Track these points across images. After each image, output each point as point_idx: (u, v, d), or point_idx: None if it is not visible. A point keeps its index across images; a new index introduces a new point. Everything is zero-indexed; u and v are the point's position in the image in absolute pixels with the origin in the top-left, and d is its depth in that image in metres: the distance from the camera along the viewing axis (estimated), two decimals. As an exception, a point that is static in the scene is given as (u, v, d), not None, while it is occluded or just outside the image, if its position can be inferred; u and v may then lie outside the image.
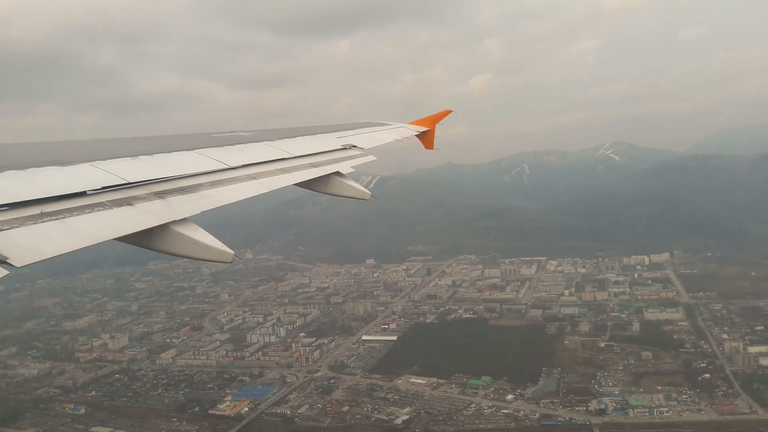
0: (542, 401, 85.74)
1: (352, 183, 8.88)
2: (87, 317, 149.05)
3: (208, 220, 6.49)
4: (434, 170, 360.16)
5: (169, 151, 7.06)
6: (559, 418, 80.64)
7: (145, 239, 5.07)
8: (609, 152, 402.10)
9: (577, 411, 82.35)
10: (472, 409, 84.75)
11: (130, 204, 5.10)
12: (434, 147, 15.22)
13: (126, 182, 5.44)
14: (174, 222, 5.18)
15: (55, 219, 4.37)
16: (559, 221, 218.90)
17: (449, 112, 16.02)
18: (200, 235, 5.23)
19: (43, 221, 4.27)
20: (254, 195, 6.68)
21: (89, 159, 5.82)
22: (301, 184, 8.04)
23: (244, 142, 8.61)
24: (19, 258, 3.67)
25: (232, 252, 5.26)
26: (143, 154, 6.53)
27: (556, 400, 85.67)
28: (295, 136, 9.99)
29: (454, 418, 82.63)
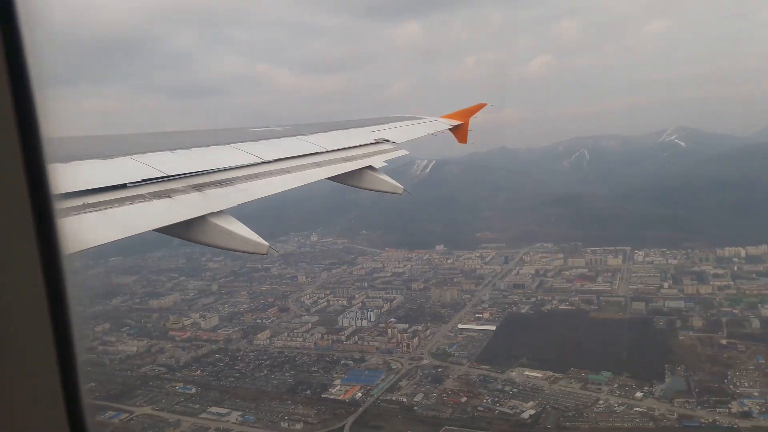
0: (676, 400, 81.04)
1: (385, 177, 8.87)
2: (171, 296, 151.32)
3: (265, 204, 6.67)
4: (487, 154, 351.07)
5: (206, 146, 7.16)
6: (702, 420, 75.91)
7: (183, 230, 5.14)
8: (673, 137, 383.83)
9: (719, 413, 77.32)
10: (602, 406, 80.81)
11: (168, 196, 5.23)
12: (468, 141, 14.96)
13: (165, 175, 5.54)
14: (211, 214, 5.26)
15: (97, 210, 4.48)
16: (634, 209, 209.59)
17: (483, 105, 15.61)
18: (237, 227, 5.29)
19: (85, 212, 4.37)
20: (288, 189, 6.76)
21: (129, 152, 5.93)
22: (334, 178, 8.08)
23: (278, 137, 8.68)
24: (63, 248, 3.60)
25: (267, 244, 5.38)
26: (181, 148, 6.67)
27: (691, 400, 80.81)
28: (328, 131, 10.08)
29: (585, 414, 78.93)
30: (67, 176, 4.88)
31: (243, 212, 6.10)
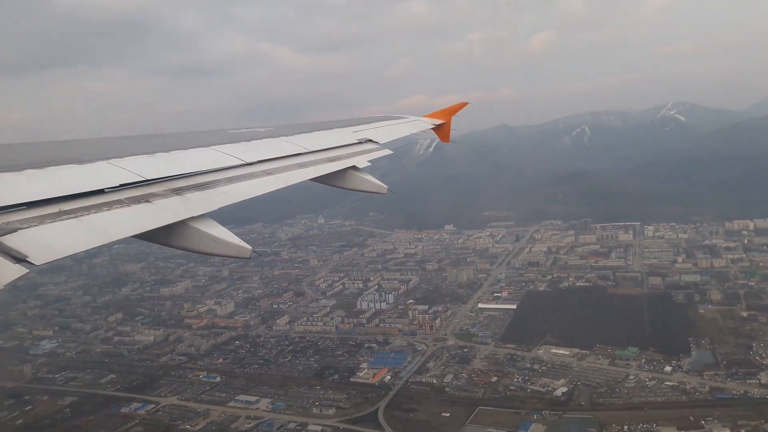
0: (705, 373, 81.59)
1: (369, 177, 8.94)
2: (182, 283, 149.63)
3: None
4: (487, 132, 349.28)
5: (186, 148, 7.13)
6: (733, 392, 76.51)
7: (163, 236, 5.10)
8: (673, 112, 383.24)
9: (749, 384, 78.01)
10: (632, 382, 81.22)
11: (148, 201, 5.17)
12: (450, 140, 15.48)
13: (144, 179, 5.48)
14: (192, 218, 5.22)
15: (74, 217, 4.40)
16: (640, 185, 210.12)
17: (465, 104, 16.11)
18: (218, 231, 5.26)
19: (61, 219, 4.30)
20: (271, 191, 6.70)
21: (107, 157, 5.86)
22: (318, 179, 8.10)
23: (261, 138, 8.75)
24: (39, 256, 3.73)
25: (249, 248, 5.36)
26: (160, 152, 6.65)
27: (720, 372, 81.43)
28: (311, 131, 10.21)
29: (617, 390, 79.28)
30: (42, 182, 4.78)
31: (248, 200, 6.07)
